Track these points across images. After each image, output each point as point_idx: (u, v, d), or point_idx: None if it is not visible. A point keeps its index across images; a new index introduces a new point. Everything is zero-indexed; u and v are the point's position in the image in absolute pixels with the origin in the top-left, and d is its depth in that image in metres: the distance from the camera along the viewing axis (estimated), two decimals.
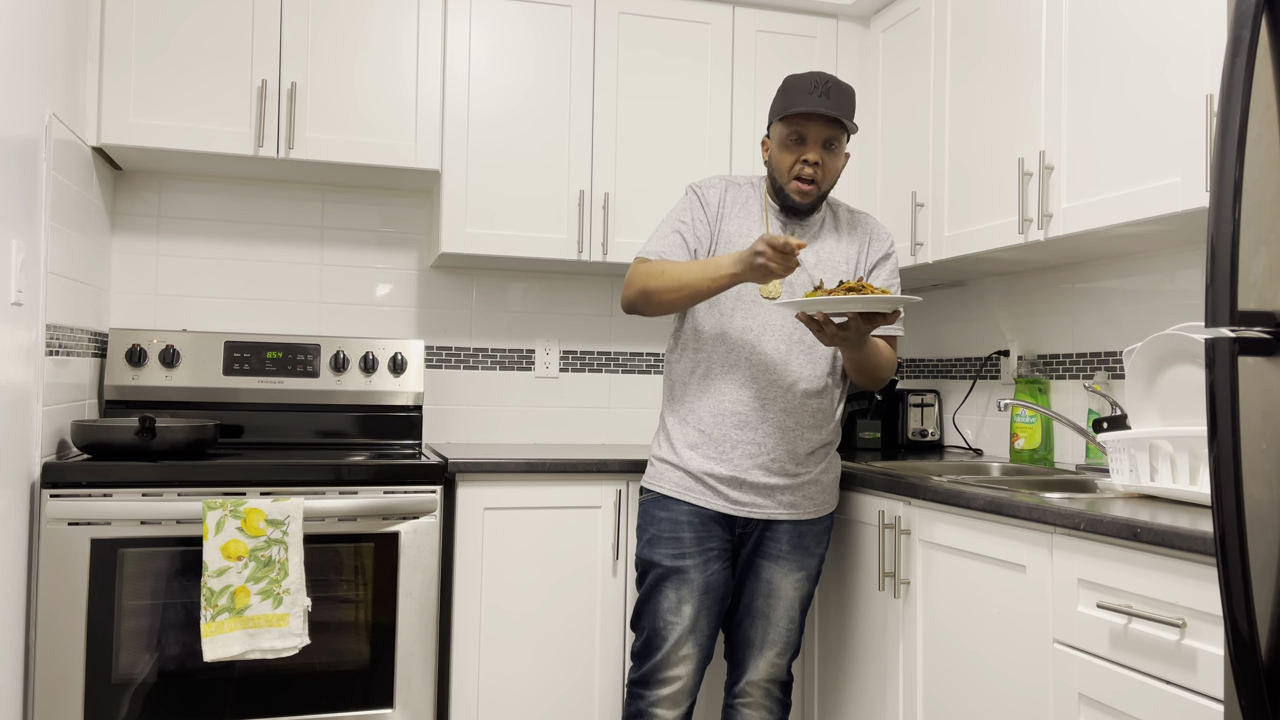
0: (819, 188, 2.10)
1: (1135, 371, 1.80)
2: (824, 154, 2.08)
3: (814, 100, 2.03)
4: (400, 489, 2.36)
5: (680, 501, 2.11)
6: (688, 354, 2.16)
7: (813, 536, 2.16)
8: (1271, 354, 1.10)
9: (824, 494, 2.18)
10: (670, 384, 2.20)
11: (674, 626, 2.09)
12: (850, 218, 2.23)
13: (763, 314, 2.11)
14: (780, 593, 2.15)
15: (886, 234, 2.24)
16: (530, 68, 2.81)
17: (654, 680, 2.10)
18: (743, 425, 2.08)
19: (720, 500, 2.09)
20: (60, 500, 2.15)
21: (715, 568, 2.10)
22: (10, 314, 1.95)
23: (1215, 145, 1.11)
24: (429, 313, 3.09)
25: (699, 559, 2.09)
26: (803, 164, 2.07)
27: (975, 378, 3.03)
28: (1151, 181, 1.95)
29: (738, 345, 2.10)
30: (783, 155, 2.10)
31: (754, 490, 2.09)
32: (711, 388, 2.11)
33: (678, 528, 2.10)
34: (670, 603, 2.09)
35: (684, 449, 2.12)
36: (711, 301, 2.12)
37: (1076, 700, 1.65)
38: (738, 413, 2.08)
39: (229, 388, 2.75)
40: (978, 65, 2.50)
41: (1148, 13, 1.98)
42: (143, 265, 2.86)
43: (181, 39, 2.57)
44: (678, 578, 2.09)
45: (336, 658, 2.31)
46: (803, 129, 2.07)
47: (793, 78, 2.09)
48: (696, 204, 2.17)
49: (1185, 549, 1.41)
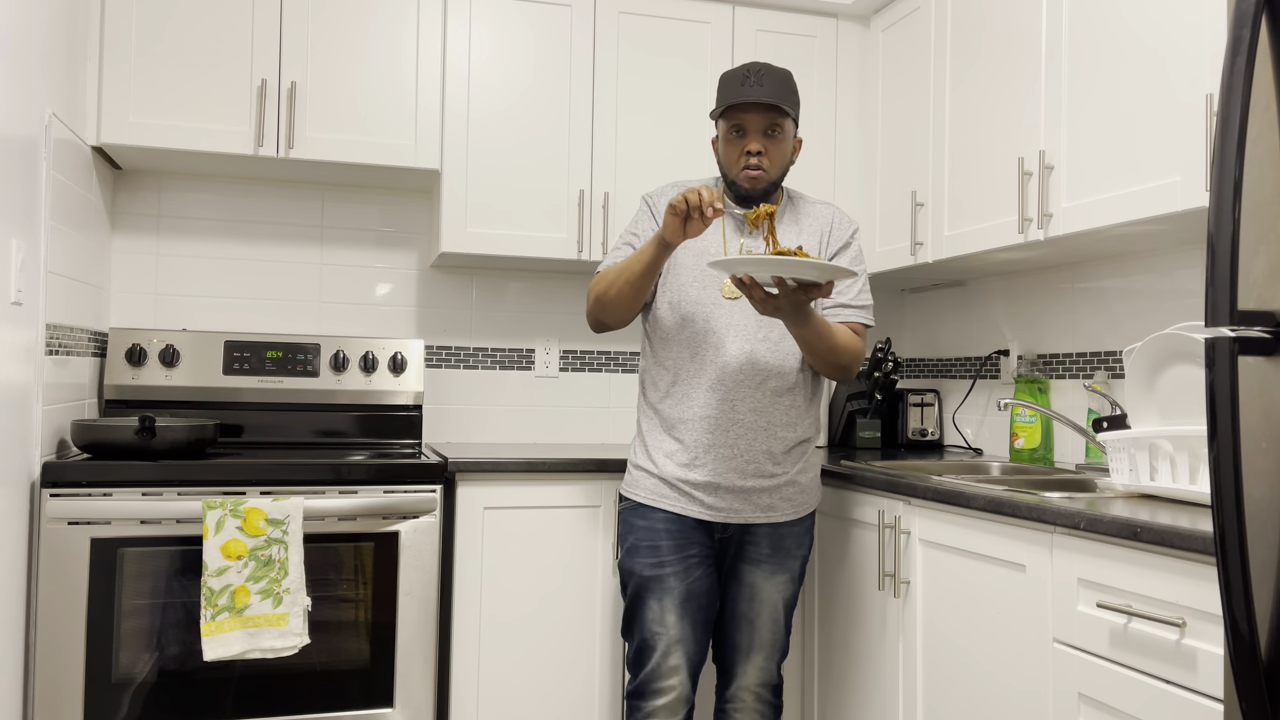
0: (768, 174, 2.08)
1: (1135, 371, 1.80)
2: (766, 142, 2.06)
3: (747, 90, 2.02)
4: (400, 488, 2.36)
5: (657, 509, 2.08)
6: (655, 360, 2.13)
7: (793, 539, 2.13)
8: (1271, 354, 1.10)
9: (802, 494, 2.14)
10: (642, 391, 2.18)
11: (660, 637, 2.07)
12: (811, 209, 2.20)
13: (725, 315, 2.08)
14: (763, 596, 2.12)
15: (849, 222, 2.19)
16: (530, 67, 2.81)
17: (649, 691, 2.09)
18: (714, 429, 2.05)
19: (697, 506, 2.06)
20: (60, 500, 2.14)
21: (697, 574, 2.08)
22: (10, 313, 1.95)
23: (1215, 145, 1.11)
24: (429, 312, 3.09)
25: (679, 566, 2.06)
26: (746, 155, 2.06)
27: (975, 377, 3.03)
28: (1151, 181, 1.95)
29: (702, 348, 2.07)
30: (728, 150, 2.10)
31: (731, 495, 2.06)
32: (680, 393, 2.08)
33: (655, 536, 2.07)
34: (654, 613, 2.07)
35: (659, 456, 2.09)
36: (673, 306, 2.09)
37: (1076, 700, 1.65)
38: (708, 417, 2.05)
39: (229, 387, 2.75)
40: (977, 64, 2.50)
41: (1148, 12, 1.98)
42: (142, 265, 2.86)
43: (181, 38, 2.57)
44: (658, 587, 2.06)
45: (336, 657, 2.31)
46: (741, 121, 2.06)
47: (726, 73, 2.09)
48: (648, 214, 2.17)
49: (1185, 548, 1.41)
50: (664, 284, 2.13)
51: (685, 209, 1.86)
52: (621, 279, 2.03)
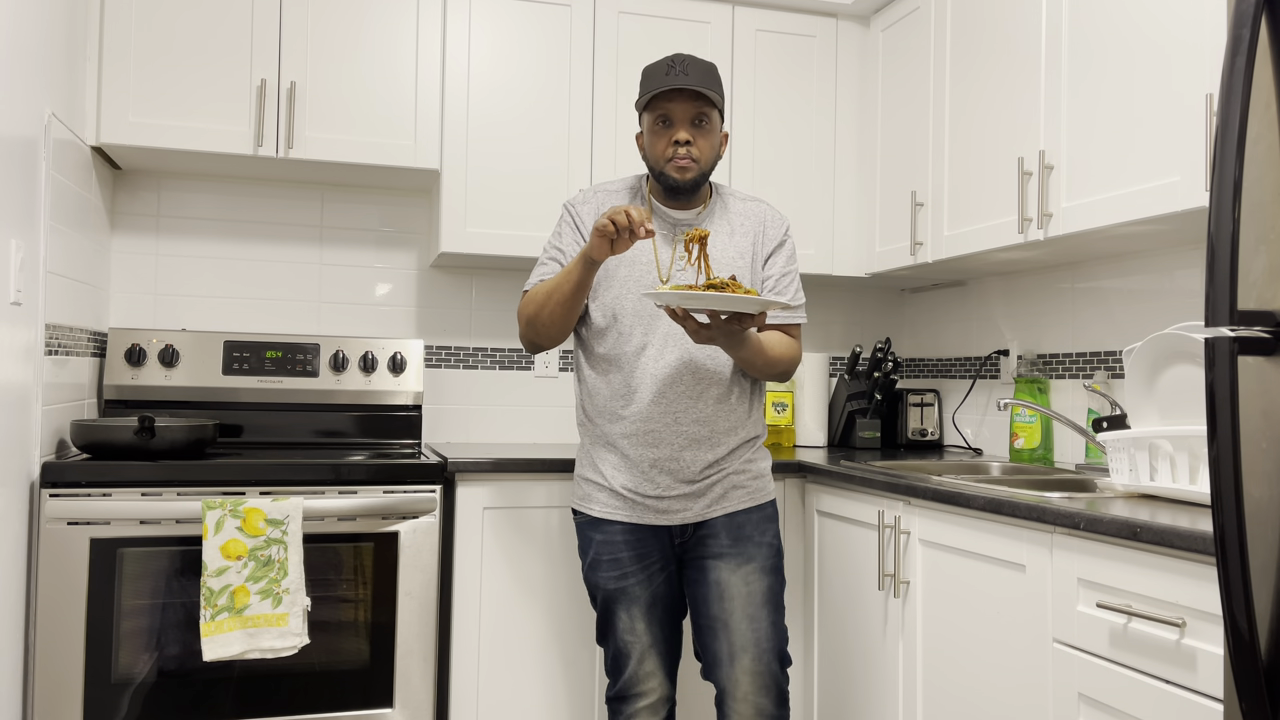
0: (698, 164, 2.01)
1: (1135, 371, 1.80)
2: (694, 131, 2.00)
3: (672, 79, 1.97)
4: (400, 488, 2.36)
5: (613, 522, 2.06)
6: (594, 371, 2.08)
7: (752, 525, 2.05)
8: (1271, 353, 1.10)
9: (755, 481, 2.08)
10: (580, 404, 2.13)
11: (633, 645, 2.07)
12: (743, 207, 2.13)
13: (663, 325, 2.03)
14: (732, 592, 2.02)
15: (780, 220, 2.13)
16: (530, 67, 2.81)
17: (629, 696, 2.09)
18: (658, 443, 2.01)
19: (651, 514, 2.04)
20: (60, 500, 2.14)
21: (660, 579, 2.07)
22: (10, 314, 1.95)
23: (1215, 145, 1.11)
24: (428, 312, 3.09)
25: (642, 575, 2.05)
26: (674, 145, 1.99)
27: (975, 377, 3.03)
28: (1151, 181, 1.95)
29: (639, 360, 2.02)
30: (654, 141, 2.02)
31: (682, 499, 2.03)
32: (619, 410, 2.03)
33: (615, 548, 2.05)
34: (624, 623, 2.06)
35: (607, 469, 2.06)
36: (607, 318, 2.05)
37: (1076, 700, 1.65)
38: (650, 431, 2.01)
39: (228, 387, 2.75)
40: (977, 64, 2.50)
41: (1148, 12, 1.98)
42: (142, 265, 2.86)
43: (181, 38, 2.56)
44: (625, 598, 2.05)
45: (336, 657, 2.31)
46: (668, 110, 1.99)
47: (648, 66, 2.04)
48: (570, 224, 2.11)
49: (1185, 548, 1.41)
50: (596, 296, 2.07)
51: (614, 231, 1.82)
52: (552, 300, 1.98)
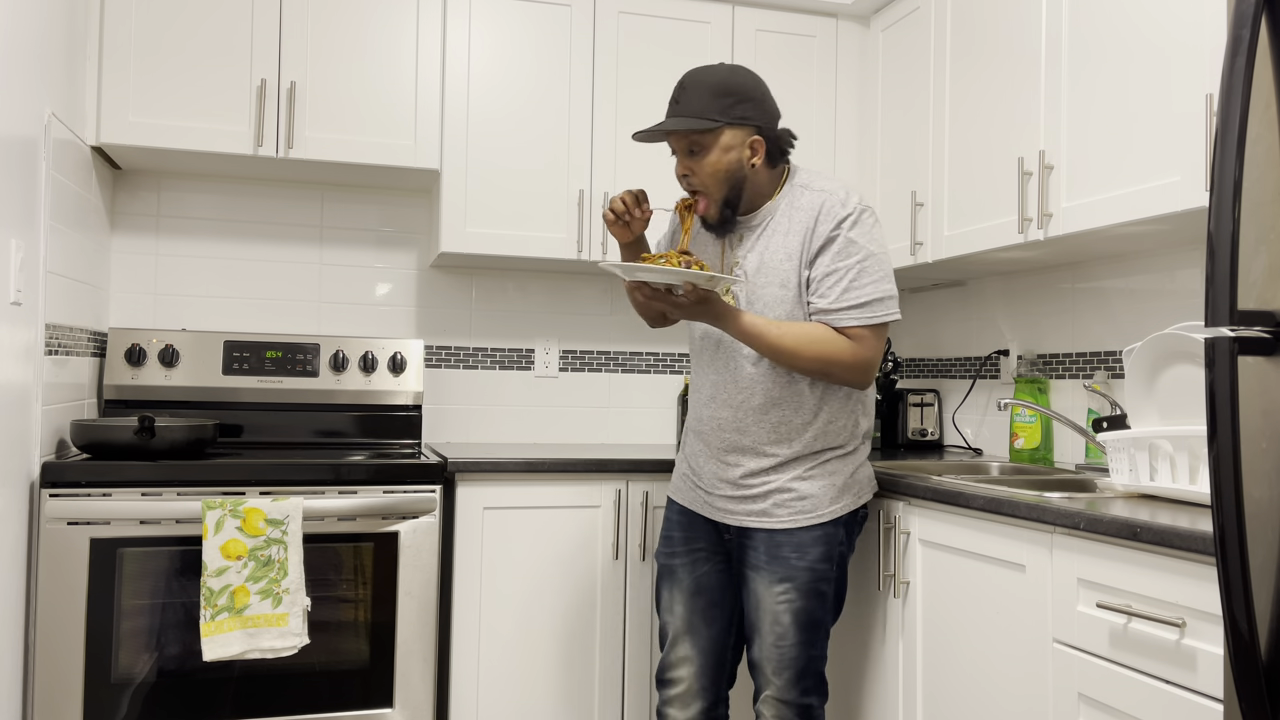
0: (707, 192, 1.98)
1: (1135, 371, 1.80)
2: (690, 162, 1.97)
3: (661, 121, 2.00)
4: (400, 488, 2.36)
5: (674, 501, 2.17)
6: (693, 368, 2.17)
7: (791, 547, 1.97)
8: (1271, 353, 1.10)
9: (801, 501, 1.99)
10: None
11: (669, 625, 2.13)
12: (807, 200, 2.00)
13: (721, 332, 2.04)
14: (764, 605, 1.99)
15: (835, 212, 1.95)
16: (530, 67, 2.80)
17: (664, 678, 2.13)
18: (709, 443, 2.05)
19: (700, 504, 2.09)
20: (59, 500, 2.14)
21: (705, 569, 2.09)
22: (9, 313, 1.95)
23: (1215, 145, 1.11)
24: (428, 312, 3.09)
25: (687, 559, 2.10)
26: (682, 178, 2.00)
27: (975, 377, 3.03)
28: (1151, 181, 1.95)
29: (700, 365, 2.10)
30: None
31: (726, 500, 2.04)
32: (696, 402, 2.11)
33: (670, 526, 2.15)
34: (665, 600, 2.13)
35: (687, 452, 2.15)
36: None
37: (1076, 700, 1.65)
38: (704, 432, 2.07)
39: (228, 387, 2.75)
40: (977, 64, 2.50)
41: (1148, 12, 1.98)
42: (142, 265, 2.86)
43: (181, 38, 2.56)
44: (670, 576, 2.12)
45: (336, 657, 2.31)
46: (670, 145, 2.01)
47: None
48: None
49: (1185, 549, 1.41)
50: None
51: (613, 218, 2.00)
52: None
